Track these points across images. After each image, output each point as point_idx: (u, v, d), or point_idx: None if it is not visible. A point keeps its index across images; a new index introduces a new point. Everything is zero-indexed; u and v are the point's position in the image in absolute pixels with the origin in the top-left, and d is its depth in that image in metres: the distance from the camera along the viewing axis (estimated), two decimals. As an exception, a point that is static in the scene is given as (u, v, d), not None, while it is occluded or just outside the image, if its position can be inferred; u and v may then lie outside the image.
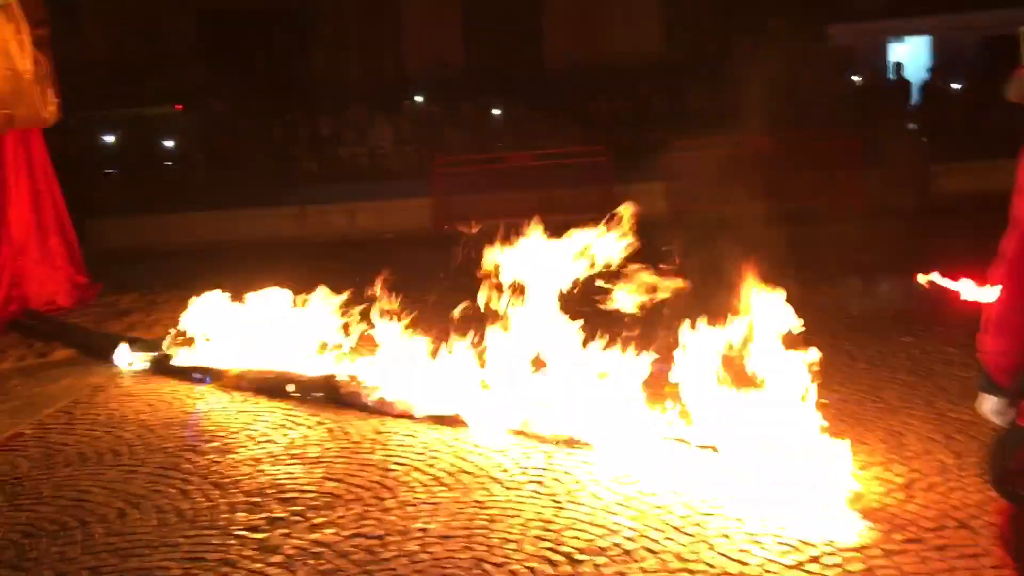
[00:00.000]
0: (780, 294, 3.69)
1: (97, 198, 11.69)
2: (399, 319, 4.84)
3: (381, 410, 4.52)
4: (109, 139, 17.02)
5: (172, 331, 5.66)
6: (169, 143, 17.11)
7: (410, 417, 4.42)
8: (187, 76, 20.00)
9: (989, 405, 1.98)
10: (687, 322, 3.89)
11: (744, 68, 10.62)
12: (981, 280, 2.26)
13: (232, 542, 3.24)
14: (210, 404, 4.93)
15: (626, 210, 4.09)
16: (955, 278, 2.72)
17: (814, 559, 2.88)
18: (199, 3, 21.05)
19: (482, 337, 4.50)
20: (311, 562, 3.07)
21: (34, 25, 6.35)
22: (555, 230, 4.43)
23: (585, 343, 4.26)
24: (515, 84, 17.16)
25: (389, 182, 14.27)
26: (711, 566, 2.90)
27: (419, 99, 18.42)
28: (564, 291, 4.33)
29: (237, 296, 5.63)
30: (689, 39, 19.40)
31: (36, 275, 6.59)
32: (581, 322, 4.30)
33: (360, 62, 21.55)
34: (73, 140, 11.95)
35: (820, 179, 10.54)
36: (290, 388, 4.90)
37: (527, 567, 2.96)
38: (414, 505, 3.46)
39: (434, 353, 4.72)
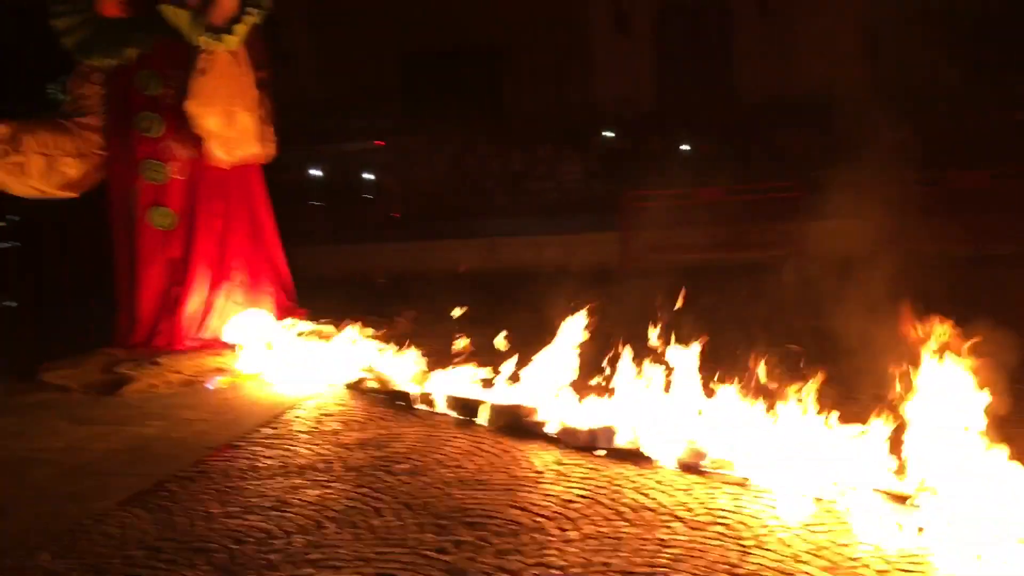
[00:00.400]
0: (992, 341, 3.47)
1: (305, 228, 12.45)
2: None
3: (566, 441, 4.56)
4: (316, 173, 18.14)
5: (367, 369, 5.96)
6: (369, 176, 18.07)
7: (594, 449, 4.44)
8: (387, 114, 21.06)
9: None
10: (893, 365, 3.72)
11: (952, 102, 10.09)
12: None
13: (420, 562, 3.35)
14: (401, 426, 5.13)
15: None
16: None
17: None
18: (402, 46, 22.15)
19: (670, 373, 4.48)
20: (495, 587, 3.13)
21: (257, 69, 6.90)
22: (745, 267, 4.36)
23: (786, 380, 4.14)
24: (705, 118, 16.99)
25: (577, 216, 14.43)
26: (909, 626, 2.74)
27: (608, 134, 18.56)
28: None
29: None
30: (890, 70, 18.57)
31: (249, 299, 7.10)
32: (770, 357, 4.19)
33: (550, 98, 21.97)
34: (285, 174, 12.80)
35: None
36: (479, 415, 5.04)
37: (711, 610, 2.90)
38: (596, 539, 3.46)
39: (616, 388, 4.73)
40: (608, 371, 4.84)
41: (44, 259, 10.87)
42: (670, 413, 4.42)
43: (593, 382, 4.88)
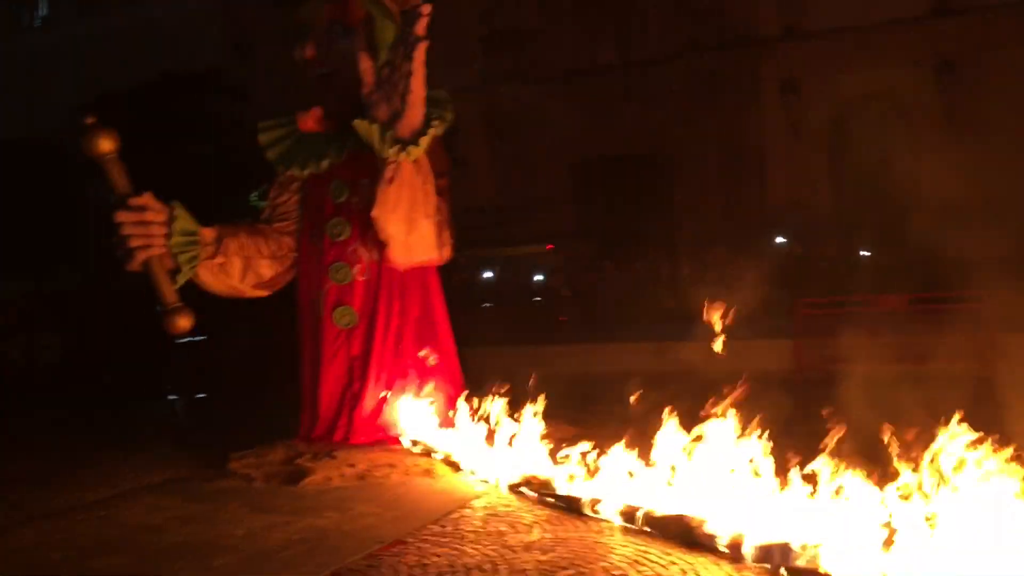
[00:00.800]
0: None
1: (476, 329, 12.76)
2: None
3: (736, 554, 4.39)
4: (488, 275, 18.72)
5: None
6: (539, 279, 18.47)
7: (767, 566, 4.25)
8: (558, 219, 21.56)
9: None
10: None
11: None
12: None
13: (585, 672, 3.28)
14: (567, 530, 5.08)
15: None
16: None
17: None
18: (573, 153, 22.77)
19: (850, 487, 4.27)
20: None
21: (437, 176, 7.24)
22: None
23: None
24: (885, 224, 16.45)
25: (749, 322, 14.11)
26: None
27: (782, 240, 18.25)
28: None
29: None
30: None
31: (423, 397, 7.30)
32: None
33: (722, 202, 21.88)
34: (459, 275, 13.26)
35: None
36: (645, 523, 4.93)
37: None
38: (770, 662, 3.29)
39: (793, 500, 4.53)
40: (782, 481, 4.65)
41: (233, 354, 11.62)
42: (853, 530, 4.18)
43: (765, 492, 4.69)
